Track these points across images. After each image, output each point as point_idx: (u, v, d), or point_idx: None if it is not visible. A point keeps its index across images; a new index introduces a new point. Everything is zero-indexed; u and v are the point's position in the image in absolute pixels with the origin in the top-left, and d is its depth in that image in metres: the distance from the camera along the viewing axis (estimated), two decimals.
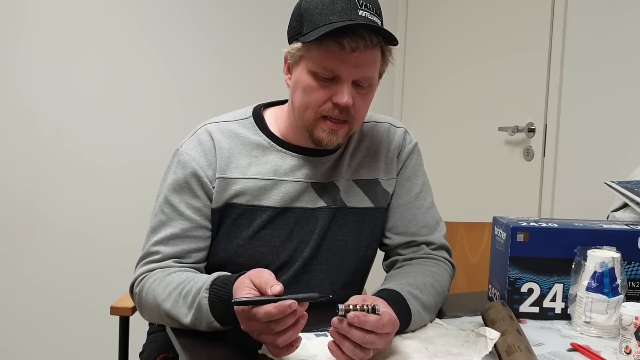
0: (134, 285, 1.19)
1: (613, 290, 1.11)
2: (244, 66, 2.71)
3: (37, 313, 2.48)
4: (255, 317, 0.92)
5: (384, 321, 0.93)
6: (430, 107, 2.89)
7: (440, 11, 2.83)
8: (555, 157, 2.21)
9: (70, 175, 2.49)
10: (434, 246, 1.29)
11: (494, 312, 1.09)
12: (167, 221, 1.19)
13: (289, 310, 0.90)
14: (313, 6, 1.11)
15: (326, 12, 1.09)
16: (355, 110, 1.15)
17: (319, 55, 1.11)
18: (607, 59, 2.02)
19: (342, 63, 1.10)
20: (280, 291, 0.92)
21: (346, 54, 1.09)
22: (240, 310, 0.95)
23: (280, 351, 0.94)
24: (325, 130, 1.16)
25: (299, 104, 1.17)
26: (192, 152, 1.21)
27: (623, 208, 1.50)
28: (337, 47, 1.08)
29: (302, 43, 1.12)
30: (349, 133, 1.19)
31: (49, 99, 2.44)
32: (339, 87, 1.12)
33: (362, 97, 1.15)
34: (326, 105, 1.14)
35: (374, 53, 1.12)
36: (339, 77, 1.12)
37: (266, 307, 0.90)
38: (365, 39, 1.08)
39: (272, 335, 0.92)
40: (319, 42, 1.09)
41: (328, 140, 1.16)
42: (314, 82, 1.13)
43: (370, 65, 1.13)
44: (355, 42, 1.08)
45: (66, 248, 2.50)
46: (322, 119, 1.15)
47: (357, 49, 1.08)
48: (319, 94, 1.13)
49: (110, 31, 2.51)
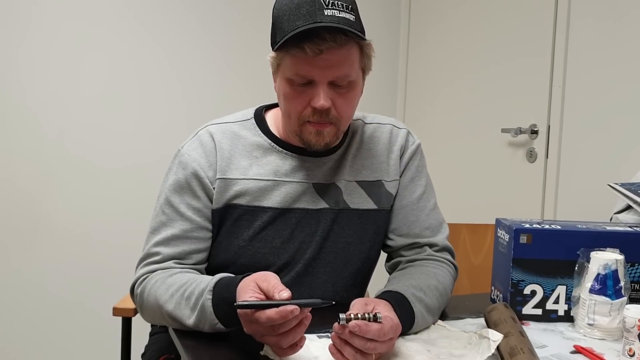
0: (134, 287, 1.18)
1: (616, 293, 1.11)
2: (247, 68, 2.71)
3: (39, 314, 2.48)
4: (258, 321, 0.92)
5: (385, 329, 0.93)
6: (433, 108, 2.89)
7: (442, 13, 2.83)
8: (558, 158, 2.21)
9: (73, 177, 2.49)
10: (437, 248, 1.29)
11: (497, 314, 1.08)
12: (168, 222, 1.19)
13: (291, 316, 0.90)
14: (282, 13, 1.12)
15: (293, 18, 1.09)
16: (338, 111, 1.15)
17: (290, 62, 1.12)
18: (610, 60, 2.02)
19: (312, 67, 1.10)
20: (288, 297, 0.92)
21: (314, 58, 1.09)
22: (243, 314, 0.95)
23: (284, 351, 0.94)
24: (311, 132, 1.16)
25: (283, 111, 1.19)
26: (193, 153, 1.21)
27: (626, 210, 1.50)
28: (301, 53, 1.09)
29: (276, 52, 1.14)
30: (337, 133, 1.18)
31: (53, 101, 2.45)
32: (315, 91, 1.12)
33: (343, 97, 1.15)
34: (306, 111, 1.14)
35: (344, 52, 1.11)
36: (314, 81, 1.12)
37: (268, 312, 0.90)
38: (327, 39, 1.07)
39: (275, 337, 0.93)
40: (286, 50, 1.10)
41: (315, 141, 1.16)
42: (291, 89, 1.14)
43: (343, 64, 1.12)
44: (318, 45, 1.07)
45: (69, 249, 2.50)
46: (306, 123, 1.15)
47: (321, 52, 1.08)
48: (297, 101, 1.14)
49: (114, 33, 2.51)
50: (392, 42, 3.02)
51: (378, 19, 2.93)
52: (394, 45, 3.03)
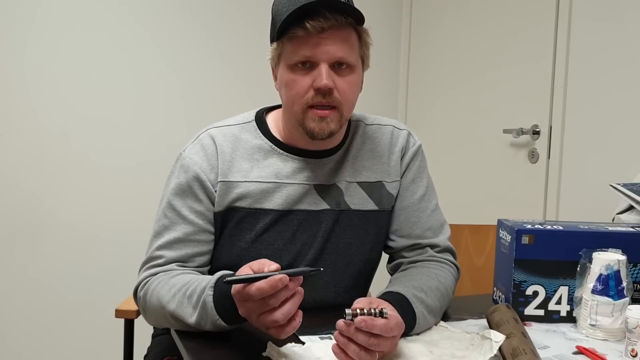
0: (137, 290, 1.19)
1: (619, 293, 1.11)
2: (248, 69, 2.71)
3: (42, 314, 2.48)
4: (249, 296, 0.92)
5: (391, 325, 0.93)
6: (434, 109, 2.89)
7: (444, 14, 2.83)
8: (560, 159, 2.21)
9: (77, 177, 2.50)
10: (439, 249, 1.29)
11: (499, 315, 1.08)
12: (170, 225, 1.19)
13: (281, 284, 0.90)
14: (281, 6, 1.14)
15: (290, 7, 1.11)
16: (340, 93, 1.15)
17: (291, 46, 1.14)
18: (611, 61, 2.02)
19: (313, 46, 1.12)
20: (277, 268, 0.94)
21: (315, 37, 1.11)
22: (236, 292, 0.95)
23: (283, 329, 0.94)
24: (314, 119, 1.16)
25: (286, 100, 1.19)
26: (194, 157, 1.21)
27: (628, 210, 1.50)
28: (303, 32, 1.11)
29: (277, 42, 1.16)
30: (341, 120, 1.18)
31: (57, 101, 2.45)
32: (317, 72, 1.13)
33: (344, 80, 1.16)
34: (309, 94, 1.15)
35: (344, 33, 1.14)
36: (315, 63, 1.13)
37: (257, 283, 0.91)
38: (329, 17, 1.10)
39: (270, 313, 0.92)
40: (288, 35, 1.12)
41: (319, 128, 1.16)
42: (293, 75, 1.15)
43: (343, 44, 1.14)
44: (319, 22, 1.10)
45: (72, 249, 2.51)
46: (309, 109, 1.16)
47: (323, 30, 1.11)
48: (300, 85, 1.15)
49: (117, 35, 2.52)
50: (393, 43, 3.02)
51: (379, 20, 2.93)
52: (396, 47, 3.03)
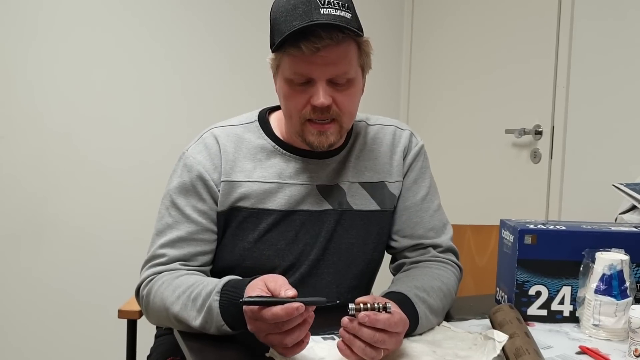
0: (140, 288, 1.19)
1: (622, 293, 1.11)
2: (251, 70, 2.71)
3: (45, 315, 2.49)
4: (263, 318, 0.92)
5: (395, 319, 0.94)
6: (436, 109, 2.89)
7: (446, 14, 2.83)
8: (562, 159, 2.20)
9: (79, 178, 2.50)
10: (441, 249, 1.29)
11: (502, 315, 1.08)
12: (174, 224, 1.19)
13: (297, 313, 0.90)
14: (279, 15, 1.12)
15: (289, 19, 1.09)
16: (339, 108, 1.15)
17: (288, 62, 1.12)
18: (614, 61, 2.02)
19: (309, 65, 1.10)
20: (294, 295, 0.92)
21: (311, 56, 1.09)
22: (248, 310, 0.95)
23: (289, 350, 0.94)
24: (313, 133, 1.16)
25: (285, 110, 1.19)
26: (198, 156, 1.21)
27: (631, 210, 1.49)
28: (298, 51, 1.09)
29: (274, 53, 1.15)
30: (341, 131, 1.18)
31: (59, 102, 2.46)
32: (314, 89, 1.12)
33: (343, 94, 1.15)
34: (306, 109, 1.14)
35: (342, 49, 1.11)
36: (312, 80, 1.12)
37: (274, 308, 0.91)
38: (323, 37, 1.08)
39: (279, 335, 0.93)
40: (284, 50, 1.11)
41: (318, 142, 1.16)
42: (290, 89, 1.14)
43: (341, 61, 1.12)
44: (314, 43, 1.08)
45: (75, 250, 2.51)
46: (307, 122, 1.16)
47: (318, 50, 1.09)
48: (297, 100, 1.14)
49: (119, 35, 2.52)
50: (395, 43, 3.02)
51: (381, 20, 2.93)
52: (397, 47, 3.03)
